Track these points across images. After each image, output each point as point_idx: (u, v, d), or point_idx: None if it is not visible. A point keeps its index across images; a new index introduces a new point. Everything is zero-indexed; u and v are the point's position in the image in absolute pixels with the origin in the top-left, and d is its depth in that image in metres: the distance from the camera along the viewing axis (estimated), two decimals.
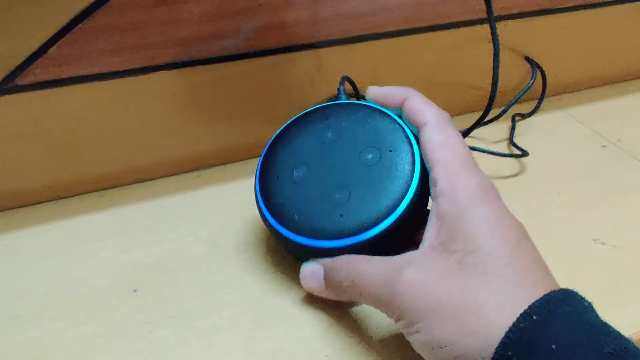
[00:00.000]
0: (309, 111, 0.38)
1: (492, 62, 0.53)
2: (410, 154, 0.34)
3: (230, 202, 0.45)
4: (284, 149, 0.37)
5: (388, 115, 0.36)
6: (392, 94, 0.36)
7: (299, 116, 0.38)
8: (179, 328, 0.34)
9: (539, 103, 0.54)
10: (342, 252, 0.33)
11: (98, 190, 0.46)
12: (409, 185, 0.33)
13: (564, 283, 0.29)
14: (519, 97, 0.52)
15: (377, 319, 0.35)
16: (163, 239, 0.41)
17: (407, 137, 0.35)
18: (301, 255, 0.35)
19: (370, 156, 0.35)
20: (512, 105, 0.52)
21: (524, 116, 0.53)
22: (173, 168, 0.48)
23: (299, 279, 0.37)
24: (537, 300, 0.26)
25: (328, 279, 0.33)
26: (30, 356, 0.33)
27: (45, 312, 0.36)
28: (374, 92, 0.37)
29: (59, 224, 0.43)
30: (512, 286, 0.27)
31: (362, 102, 0.37)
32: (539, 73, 0.55)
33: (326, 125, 0.37)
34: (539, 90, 0.56)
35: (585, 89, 0.60)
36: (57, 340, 0.34)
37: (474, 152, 0.40)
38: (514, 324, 0.25)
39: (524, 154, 0.48)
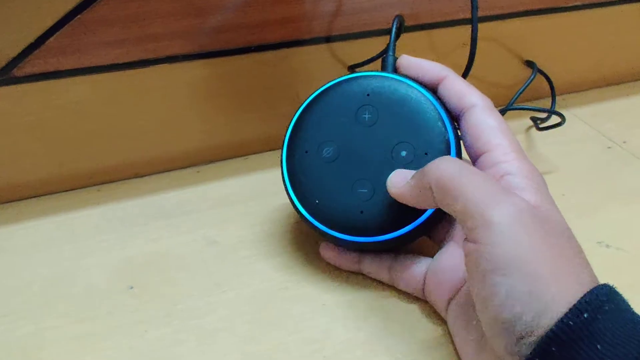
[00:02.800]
0: (351, 78, 0.36)
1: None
2: None
3: (229, 199, 0.44)
4: (318, 120, 0.36)
5: (435, 109, 0.34)
6: (428, 69, 0.35)
7: (340, 81, 0.36)
8: (175, 327, 0.34)
9: (552, 108, 0.54)
10: (355, 246, 0.35)
11: (95, 185, 0.45)
12: None
13: None
14: (516, 98, 0.51)
15: (375, 322, 0.34)
16: (160, 235, 0.41)
17: (448, 142, 0.34)
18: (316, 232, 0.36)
19: (403, 154, 0.34)
20: (512, 103, 0.51)
21: (542, 120, 0.52)
22: (171, 163, 0.47)
23: (297, 279, 0.37)
24: (586, 294, 0.25)
25: (419, 180, 0.31)
26: (25, 353, 0.32)
27: (40, 309, 0.35)
28: (408, 63, 0.36)
29: (54, 219, 0.42)
30: (587, 271, 0.27)
31: (410, 81, 0.35)
32: (542, 78, 0.54)
33: (365, 103, 0.35)
34: (547, 92, 0.55)
35: (591, 89, 0.59)
36: (51, 338, 0.33)
37: None
38: (561, 320, 0.24)
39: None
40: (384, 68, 0.37)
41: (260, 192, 0.44)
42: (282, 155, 0.36)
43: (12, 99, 0.39)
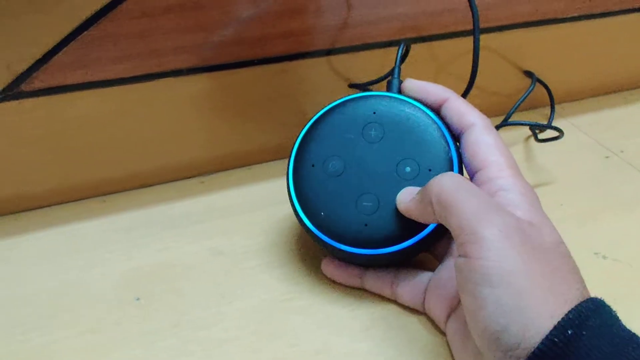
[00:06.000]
0: (358, 97, 0.37)
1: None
2: None
3: (234, 209, 0.45)
4: (325, 135, 0.37)
5: (438, 128, 0.36)
6: (431, 92, 0.36)
7: (348, 100, 0.37)
8: (182, 338, 0.34)
9: (551, 119, 0.54)
10: (358, 259, 0.36)
11: (100, 196, 0.46)
12: None
13: None
14: (516, 109, 0.52)
15: (376, 333, 0.35)
16: (166, 246, 0.41)
17: (451, 159, 0.35)
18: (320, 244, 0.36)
19: (408, 169, 0.35)
20: (510, 115, 0.52)
21: (541, 129, 0.53)
22: (176, 174, 0.47)
23: (301, 289, 0.38)
24: (571, 311, 0.26)
25: (423, 195, 0.32)
26: None
27: (49, 320, 0.36)
28: (412, 86, 0.37)
29: (61, 230, 0.43)
30: (578, 287, 0.28)
31: (414, 101, 0.36)
32: (541, 87, 0.55)
33: (372, 121, 0.36)
34: (546, 100, 0.56)
35: (589, 97, 0.60)
36: (60, 349, 0.34)
37: None
38: (547, 337, 0.25)
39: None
40: (389, 90, 0.38)
41: (265, 202, 0.45)
42: (288, 168, 0.37)
43: (20, 113, 0.40)
